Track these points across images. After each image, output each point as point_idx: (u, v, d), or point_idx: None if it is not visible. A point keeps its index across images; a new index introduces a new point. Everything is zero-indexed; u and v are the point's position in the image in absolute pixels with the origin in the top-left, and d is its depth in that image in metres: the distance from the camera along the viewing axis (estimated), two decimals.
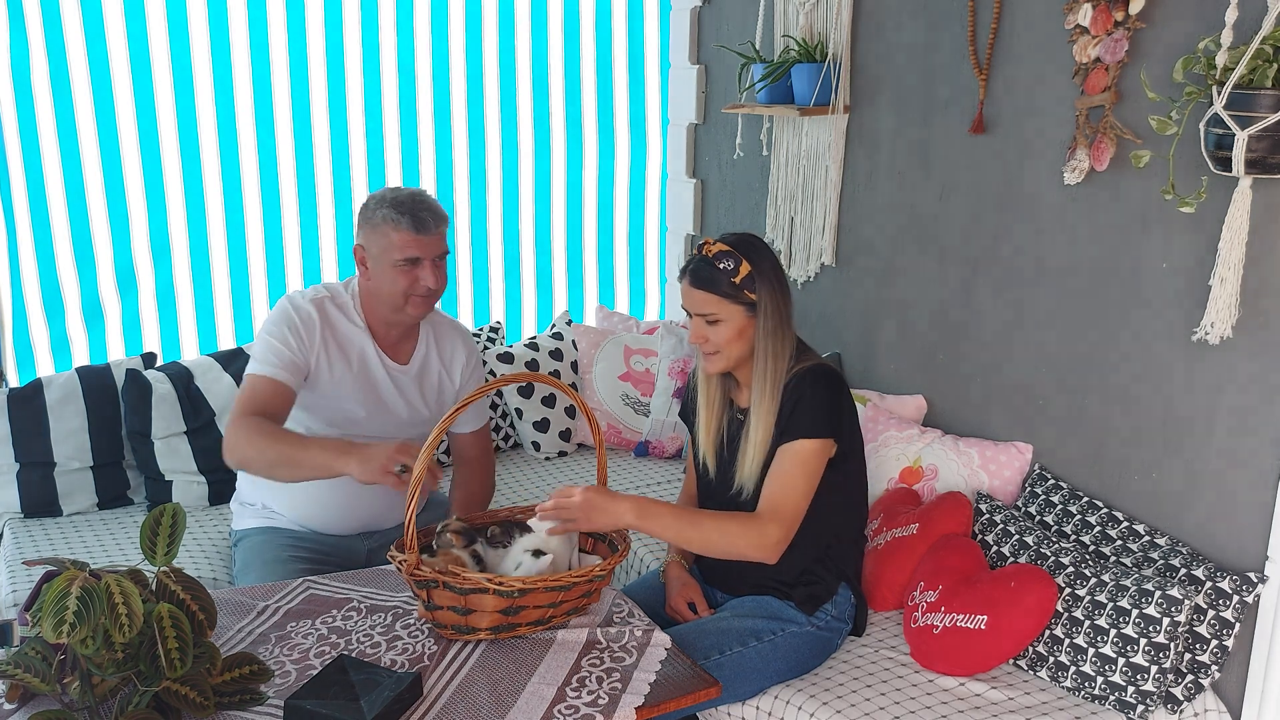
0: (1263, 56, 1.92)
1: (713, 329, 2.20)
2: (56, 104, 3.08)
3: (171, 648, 1.52)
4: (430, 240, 2.38)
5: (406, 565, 1.83)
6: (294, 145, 3.43)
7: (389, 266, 2.37)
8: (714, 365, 2.25)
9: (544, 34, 3.79)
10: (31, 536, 2.78)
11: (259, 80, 3.33)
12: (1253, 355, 2.16)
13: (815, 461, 2.16)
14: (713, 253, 2.20)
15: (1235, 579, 2.14)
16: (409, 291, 2.39)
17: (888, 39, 2.98)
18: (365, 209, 2.42)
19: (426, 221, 2.36)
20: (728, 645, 2.18)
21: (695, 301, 2.21)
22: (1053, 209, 2.55)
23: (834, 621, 2.28)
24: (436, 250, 2.40)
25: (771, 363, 2.20)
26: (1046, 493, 2.54)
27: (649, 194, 4.16)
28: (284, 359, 2.36)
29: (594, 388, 3.54)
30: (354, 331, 2.46)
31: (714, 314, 2.19)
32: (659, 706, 1.76)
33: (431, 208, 2.40)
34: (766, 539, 2.10)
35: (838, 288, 3.28)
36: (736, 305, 2.19)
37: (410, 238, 2.35)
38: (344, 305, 2.47)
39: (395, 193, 2.41)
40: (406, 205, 2.36)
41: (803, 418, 2.16)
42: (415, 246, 2.36)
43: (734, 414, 2.33)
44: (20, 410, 2.89)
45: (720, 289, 2.18)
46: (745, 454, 2.22)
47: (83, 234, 3.20)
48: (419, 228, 2.35)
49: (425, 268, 2.38)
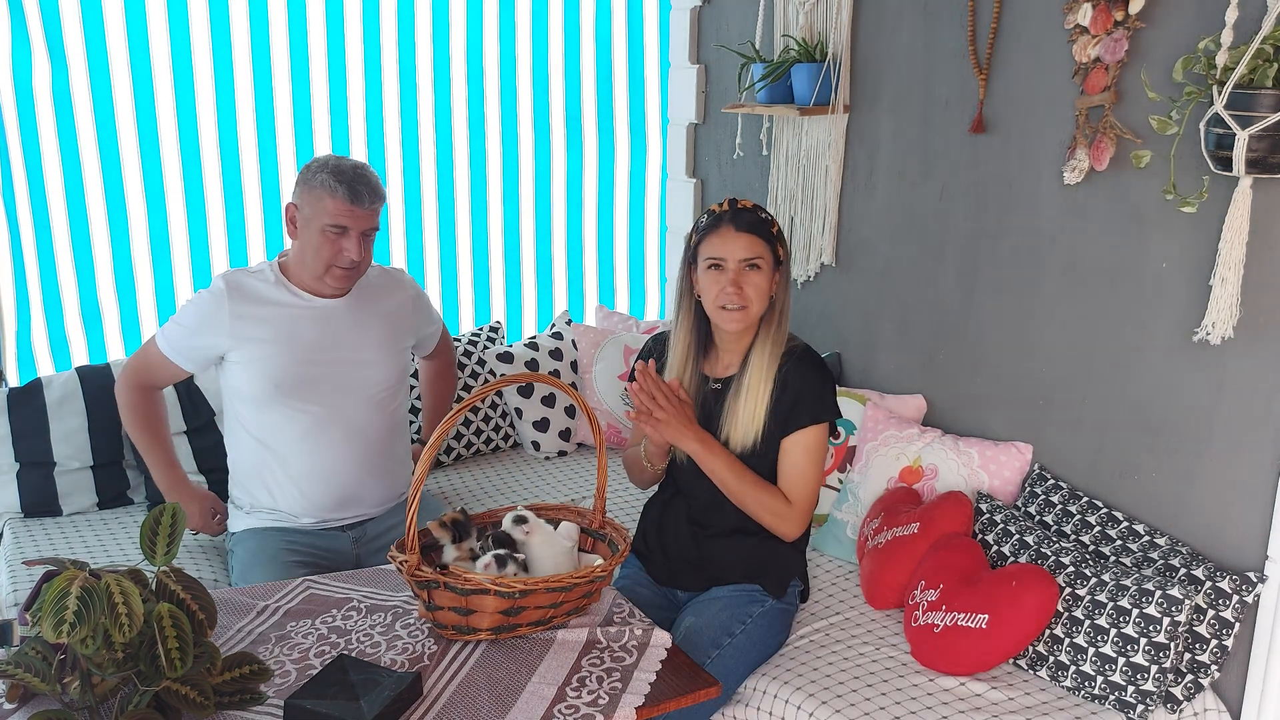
0: (1263, 56, 1.92)
1: (752, 275, 2.24)
2: (56, 103, 3.07)
3: (171, 648, 1.52)
4: (362, 213, 2.42)
5: (407, 565, 1.83)
6: (294, 145, 3.43)
7: (316, 231, 2.42)
8: (742, 319, 2.26)
9: (544, 34, 3.79)
10: (31, 536, 2.78)
11: (259, 81, 3.33)
12: (1253, 355, 2.16)
13: (823, 444, 2.32)
14: (749, 205, 2.28)
15: (1235, 579, 2.14)
16: (331, 261, 2.43)
17: (888, 39, 2.98)
18: (307, 169, 2.46)
19: (362, 194, 2.41)
20: (719, 640, 2.21)
21: (740, 246, 2.23)
22: (1053, 209, 2.55)
23: (795, 594, 2.41)
24: (366, 224, 2.44)
25: (782, 320, 2.29)
26: (1046, 492, 2.54)
27: (649, 194, 4.16)
28: (181, 341, 2.49)
29: (594, 387, 3.54)
30: (270, 289, 2.50)
31: (760, 257, 2.24)
32: (659, 706, 1.77)
33: (370, 182, 2.43)
34: (791, 524, 2.30)
35: (838, 288, 3.28)
36: (771, 255, 2.26)
37: (343, 206, 2.39)
38: (259, 272, 2.53)
39: (340, 160, 2.45)
40: (347, 175, 2.41)
41: (805, 407, 2.27)
42: (346, 216, 2.40)
43: (708, 386, 2.35)
44: (20, 410, 2.89)
45: (764, 232, 2.25)
46: (737, 414, 2.27)
47: (82, 234, 3.20)
48: (354, 199, 2.40)
49: (351, 238, 2.42)
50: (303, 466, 2.51)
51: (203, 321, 2.47)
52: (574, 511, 2.17)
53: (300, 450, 2.50)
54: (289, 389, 2.47)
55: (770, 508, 2.27)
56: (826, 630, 2.42)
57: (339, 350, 2.52)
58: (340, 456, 2.53)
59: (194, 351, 2.50)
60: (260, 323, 2.47)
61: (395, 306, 2.65)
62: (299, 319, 2.49)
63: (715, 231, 2.25)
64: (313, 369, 2.49)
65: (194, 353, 2.50)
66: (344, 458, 2.53)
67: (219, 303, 2.46)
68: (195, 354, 2.50)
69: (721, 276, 2.24)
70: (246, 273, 2.54)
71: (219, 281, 2.49)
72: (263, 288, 2.50)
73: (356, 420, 2.55)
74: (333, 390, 2.52)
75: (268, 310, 2.48)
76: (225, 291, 2.47)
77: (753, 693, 2.24)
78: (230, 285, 2.48)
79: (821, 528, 2.83)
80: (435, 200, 3.72)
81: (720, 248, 2.24)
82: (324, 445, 2.51)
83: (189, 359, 2.51)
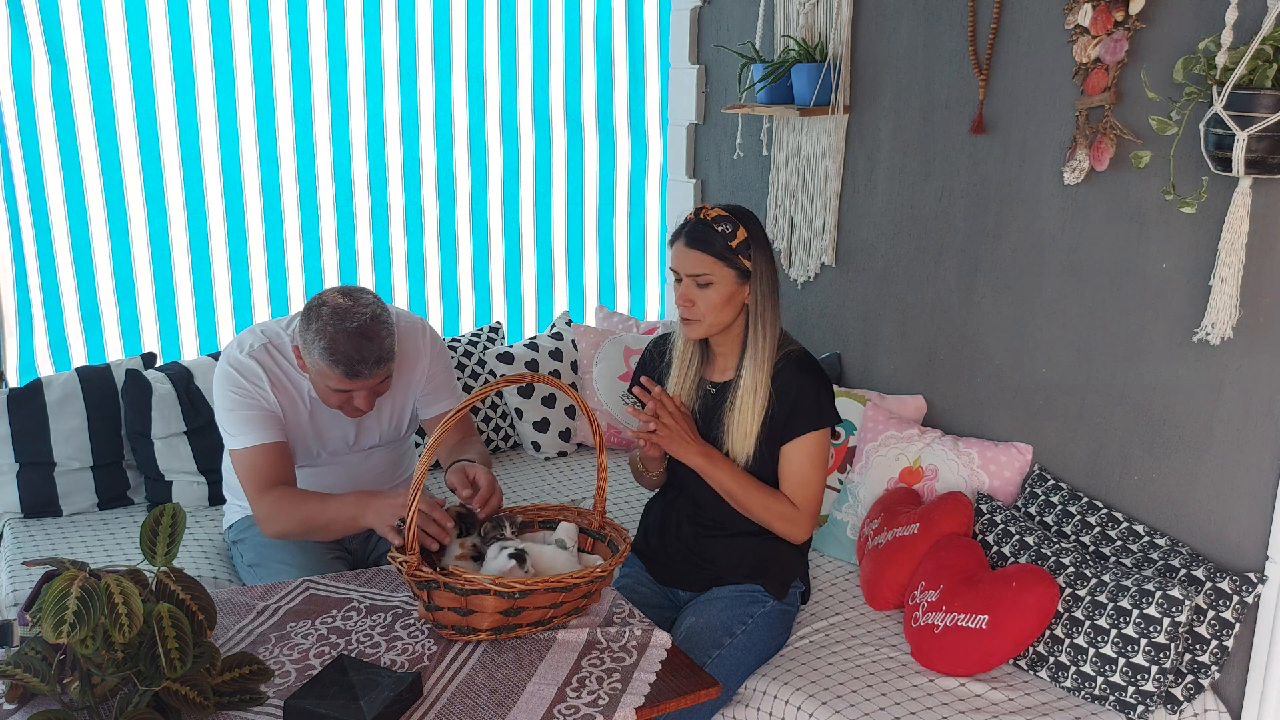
0: (1263, 56, 1.92)
1: (702, 292, 2.23)
2: (56, 104, 3.07)
3: (171, 648, 1.52)
4: (366, 382, 2.24)
5: (407, 566, 1.83)
6: (295, 145, 3.43)
7: (322, 385, 2.28)
8: (694, 331, 2.27)
9: (544, 34, 3.79)
10: (31, 536, 2.78)
11: (260, 81, 3.33)
12: (1253, 355, 2.16)
13: (824, 449, 2.31)
14: (710, 216, 2.24)
15: (1235, 579, 2.14)
16: (342, 406, 2.31)
17: (888, 39, 2.98)
18: (306, 327, 2.22)
19: (362, 372, 2.20)
20: (720, 640, 2.21)
21: (689, 262, 2.23)
22: (1053, 209, 2.55)
23: (795, 595, 2.41)
24: (371, 385, 2.26)
25: (765, 330, 2.26)
26: (1046, 493, 2.54)
27: (649, 194, 4.17)
28: (257, 422, 2.30)
29: (594, 388, 3.54)
30: (298, 376, 2.39)
31: (707, 275, 2.22)
32: (659, 707, 1.76)
33: (370, 356, 2.19)
34: (801, 527, 2.31)
35: (838, 288, 3.28)
36: (729, 269, 2.22)
37: (344, 380, 2.22)
38: (283, 348, 2.38)
39: (338, 325, 2.18)
40: (343, 355, 2.18)
41: (802, 415, 2.27)
42: (349, 385, 2.23)
43: (705, 389, 2.35)
44: (20, 410, 2.88)
45: (715, 250, 2.22)
46: (733, 425, 2.28)
47: (82, 234, 3.20)
48: (353, 375, 2.21)
49: (360, 397, 2.28)
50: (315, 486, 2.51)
51: (260, 391, 2.33)
52: (574, 512, 2.17)
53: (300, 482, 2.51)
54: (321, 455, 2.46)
55: (778, 513, 2.28)
56: (827, 631, 2.42)
57: (351, 438, 2.50)
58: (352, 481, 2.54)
59: (272, 419, 2.32)
60: (298, 405, 2.39)
61: (413, 381, 2.54)
62: (321, 410, 2.42)
63: (673, 243, 2.27)
64: (324, 451, 2.48)
65: (274, 421, 2.32)
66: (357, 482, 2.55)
67: (258, 378, 2.33)
68: (275, 420, 2.32)
69: (678, 287, 2.26)
70: (273, 348, 2.37)
71: (248, 361, 2.33)
72: (294, 374, 2.38)
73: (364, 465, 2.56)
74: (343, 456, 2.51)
75: (302, 395, 2.39)
76: (261, 370, 2.33)
77: (753, 693, 2.24)
78: (262, 364, 2.34)
79: (821, 528, 2.83)
80: (435, 200, 3.72)
81: (674, 259, 2.26)
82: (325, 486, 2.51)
83: (275, 426, 2.32)
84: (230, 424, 2.32)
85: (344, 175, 3.54)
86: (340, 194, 3.55)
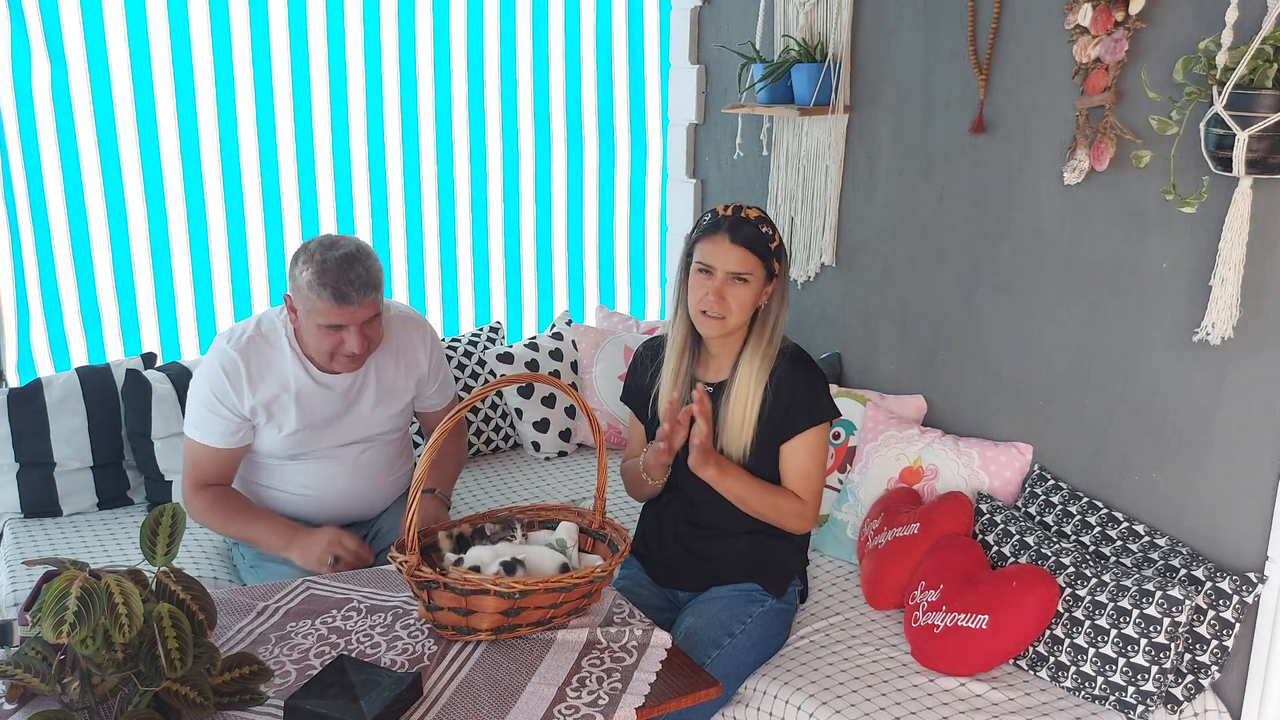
0: (1263, 56, 1.92)
1: (737, 289, 2.23)
2: (56, 104, 3.07)
3: (171, 648, 1.52)
4: (354, 310, 2.30)
5: (407, 566, 1.83)
6: (295, 144, 3.43)
7: (314, 327, 2.33)
8: (717, 329, 2.26)
9: (544, 34, 3.79)
10: (31, 536, 2.78)
11: (260, 80, 3.33)
12: (1253, 355, 2.16)
13: (823, 443, 2.34)
14: (753, 216, 2.25)
15: (1235, 579, 2.14)
16: (334, 352, 2.36)
17: (888, 39, 2.98)
18: (295, 262, 2.33)
19: (349, 295, 2.27)
20: (720, 640, 2.21)
21: (733, 259, 2.21)
22: (1053, 209, 2.55)
23: (794, 594, 2.42)
24: (362, 318, 2.32)
25: (774, 332, 2.29)
26: (1046, 493, 2.54)
27: (649, 194, 4.17)
28: (220, 427, 2.38)
29: (594, 388, 3.54)
30: (284, 362, 2.41)
31: (749, 273, 2.22)
32: (659, 707, 1.77)
33: (357, 280, 2.28)
34: (805, 520, 2.33)
35: (838, 288, 3.28)
36: (764, 269, 2.25)
37: (332, 307, 2.28)
38: (272, 336, 2.42)
39: (325, 253, 2.29)
40: (331, 276, 2.26)
41: (799, 413, 2.28)
42: (338, 315, 2.29)
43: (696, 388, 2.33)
44: (20, 410, 2.88)
45: (759, 249, 2.23)
46: (729, 423, 2.28)
47: (82, 234, 3.20)
48: (341, 300, 2.27)
49: (350, 332, 2.32)
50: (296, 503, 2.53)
51: (229, 400, 2.38)
52: (574, 512, 2.17)
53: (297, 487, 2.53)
54: (290, 455, 2.47)
55: (787, 511, 2.30)
56: (826, 631, 2.42)
57: (347, 423, 2.51)
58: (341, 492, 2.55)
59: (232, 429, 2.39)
60: (283, 395, 2.41)
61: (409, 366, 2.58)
62: (311, 393, 2.44)
63: (711, 237, 2.24)
64: (317, 441, 2.48)
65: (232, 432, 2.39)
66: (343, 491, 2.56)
67: (238, 377, 2.37)
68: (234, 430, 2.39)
69: (708, 282, 2.23)
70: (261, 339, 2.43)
71: (233, 354, 2.38)
72: (279, 363, 2.41)
73: (359, 461, 2.56)
74: (336, 448, 2.52)
75: (289, 381, 2.42)
76: (243, 367, 2.38)
77: (753, 693, 2.24)
78: (246, 358, 2.39)
79: (821, 528, 2.83)
80: (435, 200, 3.72)
81: (712, 254, 2.22)
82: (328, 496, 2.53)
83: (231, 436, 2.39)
84: (194, 414, 2.42)
85: (344, 175, 3.54)
86: (340, 194, 3.55)
